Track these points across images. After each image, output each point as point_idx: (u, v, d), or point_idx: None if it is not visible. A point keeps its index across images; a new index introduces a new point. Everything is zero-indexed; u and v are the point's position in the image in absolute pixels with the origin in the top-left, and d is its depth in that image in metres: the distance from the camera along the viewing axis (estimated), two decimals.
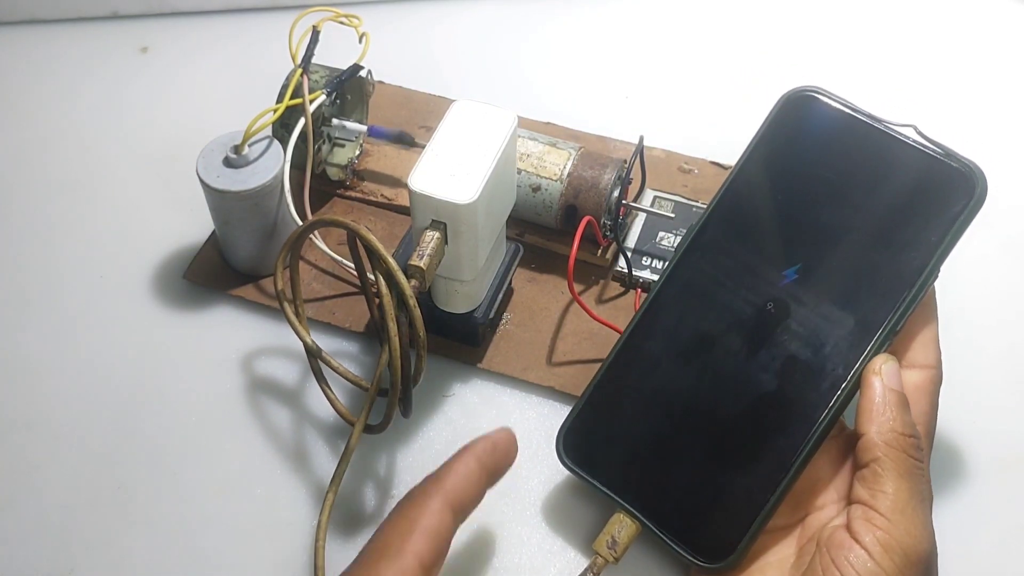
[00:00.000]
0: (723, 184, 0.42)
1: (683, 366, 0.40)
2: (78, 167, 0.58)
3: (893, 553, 0.34)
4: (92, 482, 0.44)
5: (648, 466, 0.40)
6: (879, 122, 0.40)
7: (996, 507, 0.44)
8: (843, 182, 0.40)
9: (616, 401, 0.41)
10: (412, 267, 0.39)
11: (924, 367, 0.38)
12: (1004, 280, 0.52)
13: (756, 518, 0.38)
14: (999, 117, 0.60)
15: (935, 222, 0.38)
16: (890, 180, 0.39)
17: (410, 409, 0.41)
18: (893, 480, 0.35)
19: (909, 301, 0.37)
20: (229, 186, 0.46)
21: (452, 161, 0.40)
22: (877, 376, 0.37)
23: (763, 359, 0.39)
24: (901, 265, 0.38)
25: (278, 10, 0.66)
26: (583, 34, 0.66)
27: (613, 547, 0.39)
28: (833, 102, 0.41)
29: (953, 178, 0.38)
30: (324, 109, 0.50)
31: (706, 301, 0.41)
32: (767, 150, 0.41)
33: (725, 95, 0.61)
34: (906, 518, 0.34)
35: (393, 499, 0.44)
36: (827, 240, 0.39)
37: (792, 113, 0.41)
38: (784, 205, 0.41)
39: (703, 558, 0.38)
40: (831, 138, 0.40)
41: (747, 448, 0.39)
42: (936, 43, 0.65)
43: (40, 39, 0.65)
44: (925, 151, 0.39)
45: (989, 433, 0.46)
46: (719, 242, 0.41)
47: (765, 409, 0.39)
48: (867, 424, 0.36)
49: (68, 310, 0.51)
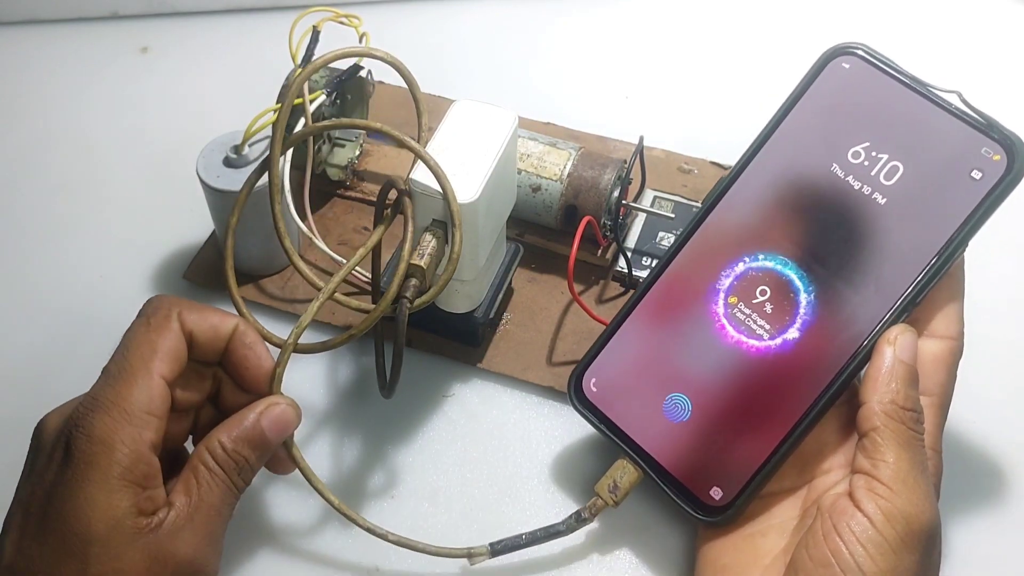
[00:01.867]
0: (758, 137, 0.41)
1: (697, 319, 0.40)
2: (78, 167, 0.58)
3: (895, 522, 0.34)
4: None
5: (654, 416, 0.40)
6: (922, 85, 0.39)
7: (1002, 506, 0.44)
8: (879, 143, 0.39)
9: (625, 350, 0.42)
10: (412, 266, 0.39)
11: (945, 338, 0.38)
12: (1005, 280, 0.52)
13: (756, 476, 0.38)
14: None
15: (968, 193, 0.37)
16: (928, 145, 0.38)
17: (392, 391, 0.40)
18: (893, 450, 0.35)
19: (933, 272, 0.37)
20: (229, 186, 0.46)
21: (452, 161, 0.40)
22: (890, 346, 0.36)
23: (778, 318, 0.39)
24: (929, 234, 0.37)
25: (278, 10, 0.66)
26: (583, 34, 0.66)
27: (614, 491, 0.40)
28: (876, 60, 0.40)
29: (992, 150, 0.37)
30: (324, 109, 0.50)
31: (728, 254, 0.40)
32: (805, 104, 0.40)
33: (725, 95, 0.61)
34: (907, 488, 0.34)
35: (393, 499, 0.44)
36: (856, 202, 0.39)
37: (833, 69, 0.40)
38: (818, 162, 0.40)
39: (701, 511, 0.39)
40: (871, 98, 0.39)
41: (754, 406, 0.39)
42: (936, 43, 0.65)
43: (40, 39, 0.65)
44: (966, 119, 0.38)
45: (994, 432, 0.46)
46: (749, 195, 0.41)
47: (775, 368, 0.39)
48: (870, 393, 0.36)
49: (68, 310, 0.51)
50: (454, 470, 0.45)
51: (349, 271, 0.39)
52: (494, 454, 0.45)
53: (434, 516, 0.43)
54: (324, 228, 0.52)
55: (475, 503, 0.44)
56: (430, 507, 0.43)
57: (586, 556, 0.42)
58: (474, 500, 0.44)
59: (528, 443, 0.45)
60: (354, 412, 0.46)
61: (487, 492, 0.44)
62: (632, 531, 0.42)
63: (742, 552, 0.38)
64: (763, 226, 0.40)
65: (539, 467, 0.45)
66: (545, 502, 0.43)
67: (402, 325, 0.38)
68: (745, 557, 0.38)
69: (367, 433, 0.46)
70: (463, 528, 0.43)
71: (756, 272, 0.40)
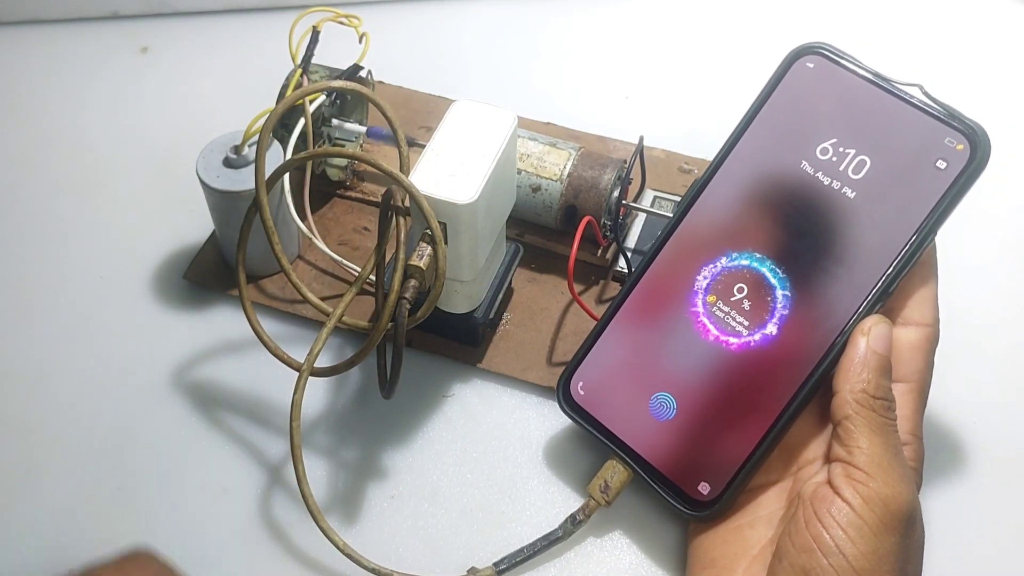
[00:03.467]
0: (729, 138, 0.42)
1: (677, 319, 0.41)
2: (78, 167, 0.58)
3: (874, 505, 0.34)
4: (92, 483, 0.44)
5: (641, 416, 0.41)
6: (884, 80, 0.39)
7: (996, 506, 0.44)
8: (845, 139, 0.39)
9: (610, 352, 0.42)
10: (412, 267, 0.39)
11: (920, 325, 0.38)
12: (1005, 280, 0.52)
13: (742, 470, 0.39)
14: (999, 117, 0.60)
15: (934, 183, 0.38)
16: (893, 138, 0.39)
17: (392, 391, 0.40)
18: (866, 436, 0.35)
19: (903, 262, 0.37)
20: (229, 186, 0.46)
21: (452, 161, 0.40)
22: (864, 336, 0.37)
23: (756, 314, 0.40)
24: (898, 225, 0.38)
25: (278, 10, 0.66)
26: (583, 34, 0.66)
27: (606, 491, 0.41)
28: (839, 59, 0.40)
29: (956, 139, 0.38)
30: (324, 109, 0.50)
31: (705, 254, 0.41)
32: (772, 105, 0.41)
33: (725, 95, 0.61)
34: (883, 471, 0.35)
35: (393, 500, 0.44)
36: (827, 197, 0.39)
37: (798, 69, 0.41)
38: (788, 160, 0.40)
39: (690, 506, 0.40)
40: (836, 95, 0.40)
41: (737, 401, 0.39)
42: (936, 43, 0.65)
43: (40, 39, 0.65)
44: (928, 111, 0.38)
45: (989, 431, 0.46)
46: (722, 196, 0.41)
47: (756, 364, 0.39)
48: (842, 382, 0.37)
49: (68, 310, 0.51)
50: (454, 470, 0.45)
51: (356, 290, 0.40)
52: (494, 454, 0.45)
53: (434, 516, 0.43)
54: (324, 228, 0.52)
55: (475, 503, 0.44)
56: (430, 507, 0.43)
57: (584, 553, 0.42)
58: (474, 500, 0.44)
59: (528, 443, 0.45)
60: (354, 412, 0.46)
61: (487, 492, 0.44)
62: (628, 527, 0.43)
63: (730, 544, 0.39)
64: (738, 225, 0.41)
65: (539, 467, 0.45)
66: (545, 502, 0.44)
67: (402, 326, 0.38)
68: (734, 548, 0.39)
69: (367, 433, 0.46)
70: (463, 528, 0.43)
71: (733, 270, 0.41)
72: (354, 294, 0.40)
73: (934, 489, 0.43)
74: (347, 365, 0.40)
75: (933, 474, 0.43)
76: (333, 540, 0.40)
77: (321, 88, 0.42)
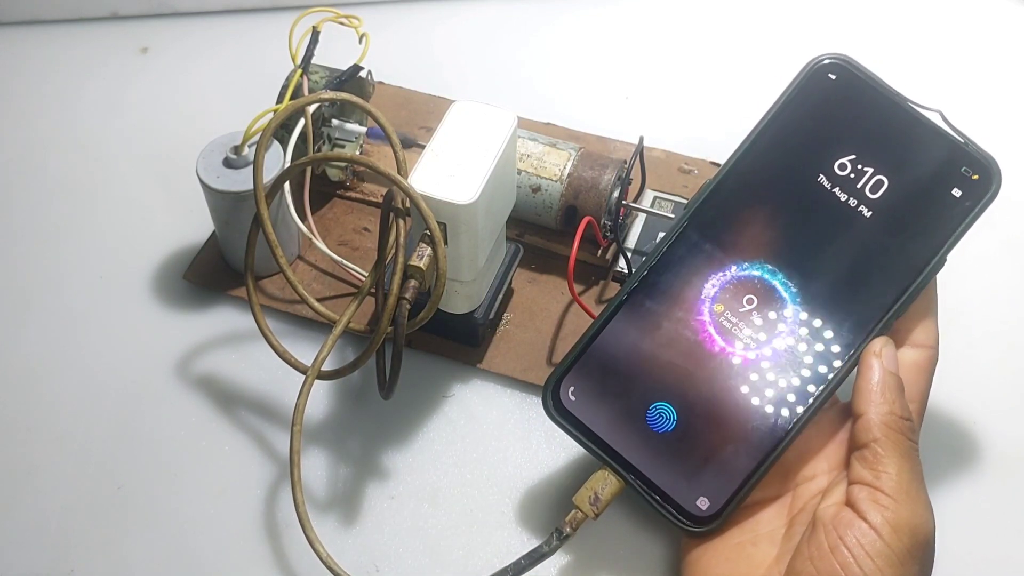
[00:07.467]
0: (741, 144, 0.41)
1: (682, 327, 0.40)
2: (78, 167, 0.58)
3: (902, 533, 0.34)
4: (92, 483, 0.44)
5: (638, 426, 0.40)
6: (906, 101, 0.39)
7: (999, 506, 0.44)
8: (865, 156, 0.39)
9: (606, 357, 0.41)
10: (411, 267, 0.39)
11: (923, 347, 0.39)
12: (1004, 280, 0.52)
13: (744, 486, 0.38)
14: (999, 117, 0.60)
15: (949, 211, 0.38)
16: (912, 161, 0.39)
17: (391, 391, 0.40)
18: (895, 461, 0.35)
19: (916, 287, 0.38)
20: (229, 186, 0.46)
21: (452, 161, 0.40)
22: (877, 358, 0.37)
23: (765, 327, 0.39)
24: (912, 250, 0.38)
25: (278, 10, 0.66)
26: (583, 34, 0.66)
27: (595, 503, 0.39)
28: (861, 73, 0.40)
29: (972, 169, 0.38)
30: (324, 110, 0.50)
31: (709, 265, 0.40)
32: (790, 113, 0.40)
33: (725, 95, 0.61)
34: (911, 498, 0.35)
35: (393, 500, 0.44)
36: (843, 214, 0.39)
37: (819, 79, 0.40)
38: (803, 172, 0.40)
39: (688, 522, 0.38)
40: (857, 110, 0.40)
41: (740, 415, 0.39)
42: (936, 43, 0.65)
43: (40, 39, 0.65)
44: (947, 138, 0.38)
45: (991, 432, 0.46)
46: (734, 201, 0.41)
47: (762, 377, 0.39)
48: (865, 405, 0.36)
49: (68, 310, 0.51)
50: (454, 470, 0.45)
51: (362, 298, 0.40)
52: (494, 454, 0.45)
53: (434, 516, 0.43)
54: (324, 228, 0.52)
55: (475, 503, 0.44)
56: (430, 507, 0.43)
57: (569, 568, 0.41)
58: (474, 500, 0.44)
59: (528, 443, 0.45)
60: (354, 413, 0.46)
61: (487, 492, 0.44)
62: (613, 540, 0.42)
63: (735, 563, 0.38)
64: (750, 234, 0.40)
65: (539, 467, 0.45)
66: (545, 503, 0.43)
67: (401, 327, 0.38)
68: (739, 568, 0.38)
69: (367, 434, 0.46)
70: (463, 529, 0.43)
71: (743, 280, 0.40)
72: (360, 302, 0.40)
73: (934, 490, 0.43)
74: (351, 368, 0.40)
75: (933, 474, 0.43)
76: (317, 550, 0.39)
77: (312, 101, 0.40)
